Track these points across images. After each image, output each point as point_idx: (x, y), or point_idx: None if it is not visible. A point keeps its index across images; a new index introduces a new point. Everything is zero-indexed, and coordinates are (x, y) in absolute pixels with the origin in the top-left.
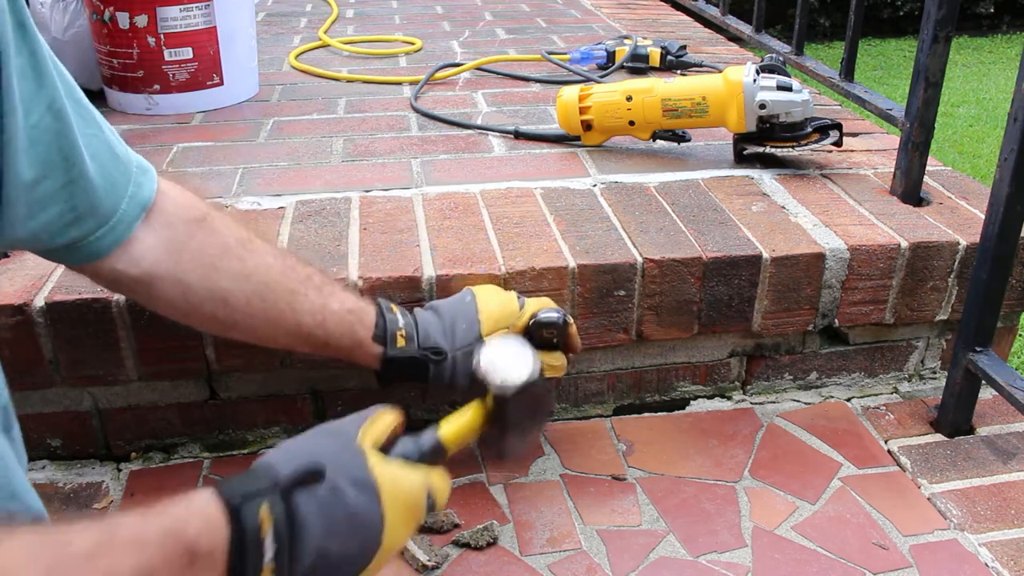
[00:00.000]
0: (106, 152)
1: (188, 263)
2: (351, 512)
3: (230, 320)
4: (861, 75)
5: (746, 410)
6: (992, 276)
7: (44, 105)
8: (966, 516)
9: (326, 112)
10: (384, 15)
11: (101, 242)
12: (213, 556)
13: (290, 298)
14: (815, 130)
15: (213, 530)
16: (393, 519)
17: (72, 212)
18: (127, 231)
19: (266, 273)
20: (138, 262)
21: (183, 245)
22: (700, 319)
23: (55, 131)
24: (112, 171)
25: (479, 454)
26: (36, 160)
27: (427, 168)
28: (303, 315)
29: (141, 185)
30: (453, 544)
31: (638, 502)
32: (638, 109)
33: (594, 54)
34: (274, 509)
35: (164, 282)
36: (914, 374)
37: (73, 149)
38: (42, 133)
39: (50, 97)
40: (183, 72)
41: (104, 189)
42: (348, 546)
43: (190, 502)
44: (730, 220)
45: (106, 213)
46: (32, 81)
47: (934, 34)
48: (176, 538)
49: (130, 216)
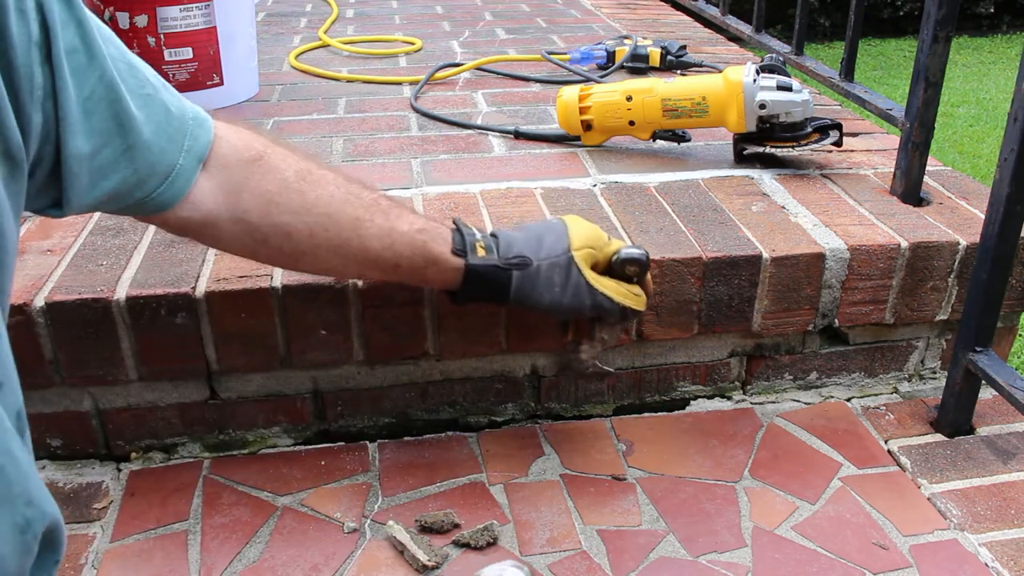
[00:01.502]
0: (161, 111)
1: (247, 202)
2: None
3: (296, 252)
4: (861, 75)
5: (746, 410)
6: (992, 276)
7: (96, 76)
8: (966, 516)
9: (326, 112)
10: (384, 15)
11: (162, 197)
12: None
13: (355, 224)
14: (815, 130)
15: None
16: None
17: (134, 176)
18: (186, 184)
19: (328, 203)
20: (198, 207)
21: (241, 186)
22: (700, 319)
23: (108, 100)
24: (168, 129)
25: (480, 455)
26: (92, 131)
27: (427, 168)
28: (369, 240)
29: (197, 137)
30: (453, 544)
31: (638, 502)
32: (638, 109)
33: (594, 54)
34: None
35: (226, 223)
36: (914, 374)
37: (128, 115)
38: (96, 104)
39: (101, 67)
40: (183, 72)
41: (161, 148)
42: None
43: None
44: (730, 220)
45: (165, 170)
46: (82, 54)
47: (934, 34)
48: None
49: (188, 169)
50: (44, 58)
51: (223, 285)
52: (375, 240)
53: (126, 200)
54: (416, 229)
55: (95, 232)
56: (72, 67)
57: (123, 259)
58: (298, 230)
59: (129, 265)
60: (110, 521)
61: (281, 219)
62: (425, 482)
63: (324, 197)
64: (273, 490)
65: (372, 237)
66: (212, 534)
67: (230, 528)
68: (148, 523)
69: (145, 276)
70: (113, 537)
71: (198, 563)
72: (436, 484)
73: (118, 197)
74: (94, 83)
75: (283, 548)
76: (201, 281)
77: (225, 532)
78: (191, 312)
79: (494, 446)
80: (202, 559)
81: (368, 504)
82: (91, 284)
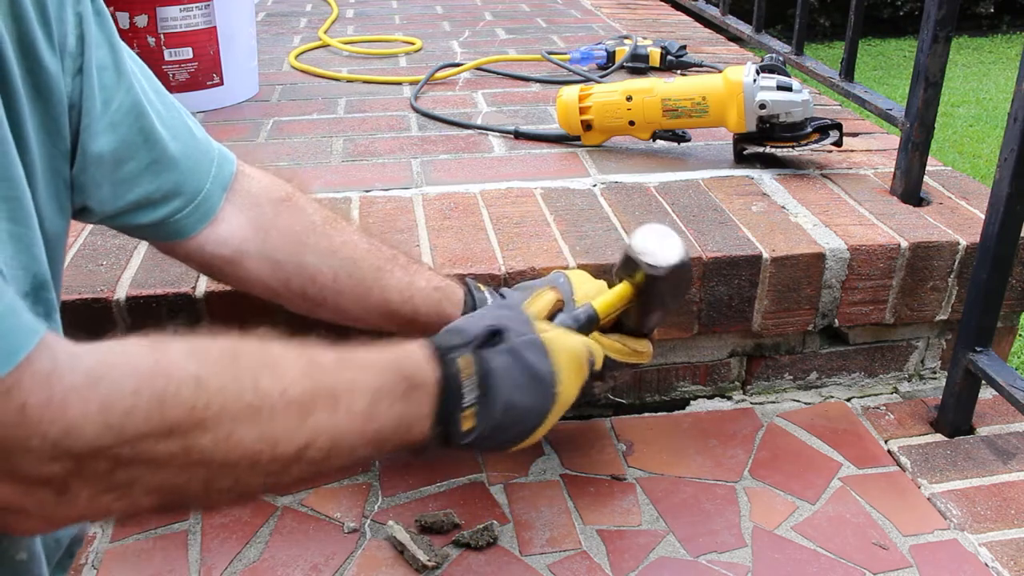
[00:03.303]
0: (187, 134)
1: (275, 240)
2: (530, 367)
3: (319, 297)
4: (861, 75)
5: (746, 410)
6: (992, 276)
7: (123, 90)
8: (966, 516)
9: (326, 112)
10: (384, 15)
11: (188, 219)
12: (425, 390)
13: (377, 275)
14: (815, 130)
15: (425, 369)
16: (563, 375)
17: (158, 191)
18: (211, 210)
19: (352, 250)
20: (227, 241)
21: (270, 223)
22: (700, 319)
23: (135, 114)
24: (194, 151)
25: (480, 455)
26: (119, 142)
27: (427, 168)
28: (390, 292)
29: (222, 167)
30: (453, 544)
31: (638, 502)
32: (638, 109)
33: (594, 54)
34: (473, 360)
35: (253, 260)
36: (914, 374)
37: (153, 131)
38: (123, 116)
39: (128, 83)
40: (183, 72)
41: (187, 168)
42: (529, 399)
43: (403, 346)
44: (730, 220)
45: (191, 192)
46: (112, 70)
47: (934, 34)
48: (398, 369)
49: (214, 195)
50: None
51: (223, 286)
52: (395, 292)
53: (149, 216)
54: (433, 287)
55: (95, 232)
56: (102, 81)
57: (123, 259)
58: (323, 274)
59: (129, 265)
60: (110, 521)
61: (307, 259)
62: (425, 482)
63: (349, 244)
64: None
65: (393, 289)
66: (212, 534)
67: (230, 528)
68: (148, 523)
69: (145, 276)
70: (113, 537)
71: (198, 563)
72: (436, 484)
73: (142, 210)
74: (122, 98)
75: (283, 548)
76: (201, 281)
77: (225, 532)
78: (191, 312)
79: None
80: (202, 559)
81: (368, 504)
82: (91, 284)
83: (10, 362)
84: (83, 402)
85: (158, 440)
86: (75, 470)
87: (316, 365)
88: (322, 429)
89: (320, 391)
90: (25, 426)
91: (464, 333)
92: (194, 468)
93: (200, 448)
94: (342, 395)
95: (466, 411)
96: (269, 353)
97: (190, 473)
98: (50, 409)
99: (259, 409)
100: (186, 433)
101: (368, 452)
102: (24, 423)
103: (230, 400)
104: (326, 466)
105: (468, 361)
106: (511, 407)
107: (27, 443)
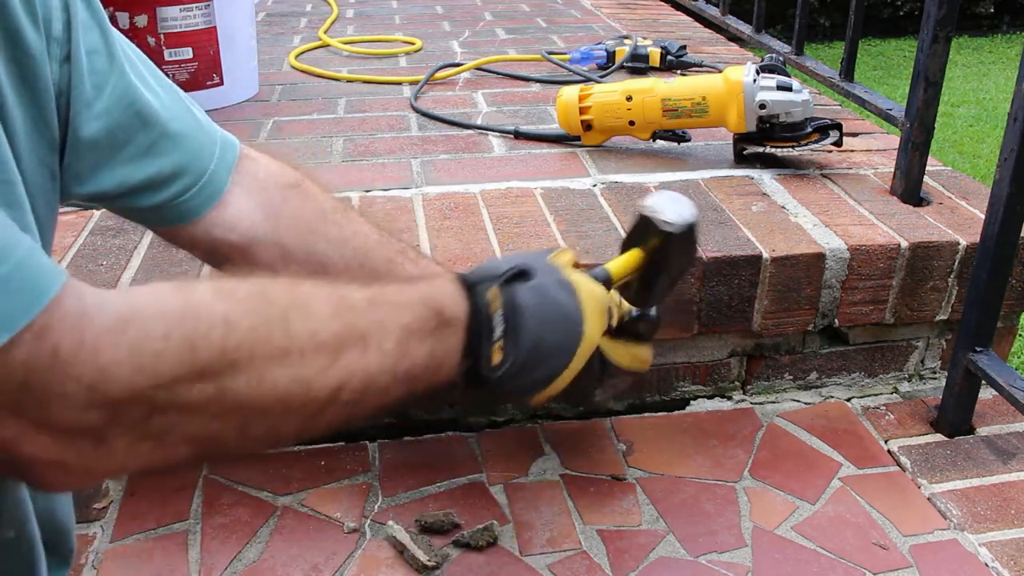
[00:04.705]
0: (187, 115)
1: (285, 226)
2: (558, 303)
3: None
4: (861, 75)
5: (746, 410)
6: (992, 276)
7: (117, 74)
8: (966, 516)
9: (326, 112)
10: (384, 15)
11: (193, 200)
12: (455, 324)
13: (388, 267)
14: (815, 130)
15: (456, 302)
16: (588, 314)
17: (161, 173)
18: (218, 191)
19: (364, 240)
20: (235, 226)
21: (279, 209)
22: (700, 319)
23: (131, 97)
24: (197, 132)
25: (480, 455)
26: (114, 126)
27: (427, 168)
28: None
29: (227, 149)
30: (453, 544)
31: (638, 502)
32: (638, 109)
33: (594, 54)
34: (501, 293)
35: (262, 246)
36: (914, 374)
37: (152, 113)
38: (117, 100)
39: (121, 66)
40: (183, 72)
41: (190, 149)
42: (557, 336)
43: (433, 280)
44: (730, 220)
45: (196, 172)
46: (104, 54)
47: (934, 34)
48: (428, 304)
49: (220, 176)
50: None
51: None
52: None
53: (153, 198)
54: None
55: (95, 232)
56: (93, 66)
57: (123, 259)
58: (334, 263)
59: (129, 265)
60: (110, 521)
61: (318, 247)
62: (425, 482)
63: (360, 234)
64: (273, 490)
65: None
66: (212, 534)
67: (230, 528)
68: (148, 523)
69: (145, 276)
70: (113, 537)
71: (198, 563)
72: (436, 484)
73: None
74: (115, 82)
75: (283, 548)
76: None
77: (225, 532)
78: None
79: (494, 446)
80: (202, 559)
81: (368, 504)
82: (91, 284)
83: (39, 302)
84: (114, 346)
85: (192, 383)
86: (111, 418)
87: (346, 304)
88: (355, 370)
89: (351, 331)
90: (59, 370)
91: (493, 269)
92: (229, 415)
93: (234, 391)
94: (372, 334)
95: (495, 344)
96: (298, 292)
97: (225, 420)
98: (83, 352)
99: (289, 351)
100: (218, 375)
101: (400, 392)
102: (58, 366)
103: (260, 342)
104: (360, 408)
105: (496, 294)
106: (540, 341)
107: (62, 388)
